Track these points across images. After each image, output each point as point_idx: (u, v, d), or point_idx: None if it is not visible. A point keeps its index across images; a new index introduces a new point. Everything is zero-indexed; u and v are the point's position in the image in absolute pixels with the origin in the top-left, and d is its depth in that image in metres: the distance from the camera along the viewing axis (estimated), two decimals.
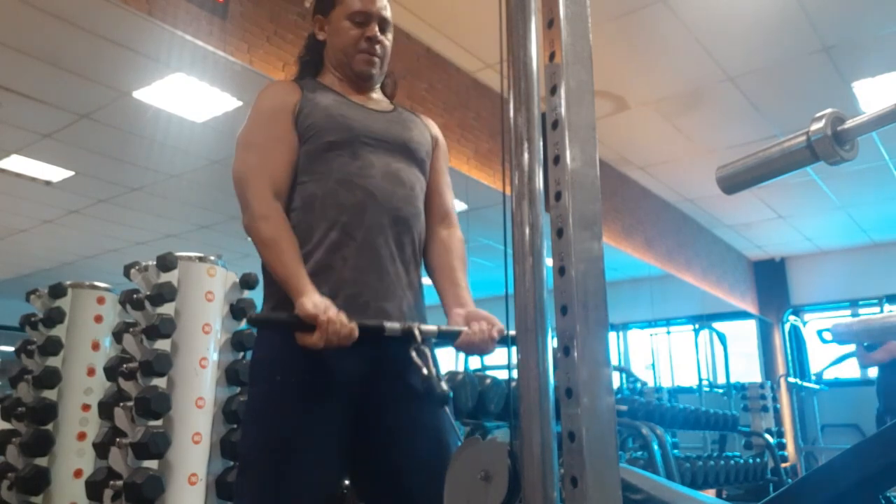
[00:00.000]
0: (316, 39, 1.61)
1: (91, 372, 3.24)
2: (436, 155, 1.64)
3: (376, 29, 1.54)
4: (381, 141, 1.49)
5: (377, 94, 1.63)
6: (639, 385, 8.45)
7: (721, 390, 8.71)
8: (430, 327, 1.31)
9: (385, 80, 1.67)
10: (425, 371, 1.19)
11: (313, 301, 1.27)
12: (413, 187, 1.52)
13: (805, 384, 8.67)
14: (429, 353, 1.23)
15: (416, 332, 1.27)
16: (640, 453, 4.90)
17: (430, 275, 1.56)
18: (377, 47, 1.54)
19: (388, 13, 1.58)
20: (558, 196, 0.78)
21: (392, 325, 1.28)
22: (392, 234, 1.45)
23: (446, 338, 1.36)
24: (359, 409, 1.38)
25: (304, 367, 1.31)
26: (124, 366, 2.60)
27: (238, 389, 2.75)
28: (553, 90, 0.80)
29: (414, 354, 1.23)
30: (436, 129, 1.69)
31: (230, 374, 2.72)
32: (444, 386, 1.21)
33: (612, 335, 7.81)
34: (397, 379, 1.40)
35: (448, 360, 10.06)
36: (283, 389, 1.34)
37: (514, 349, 0.79)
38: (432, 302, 1.51)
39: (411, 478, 1.38)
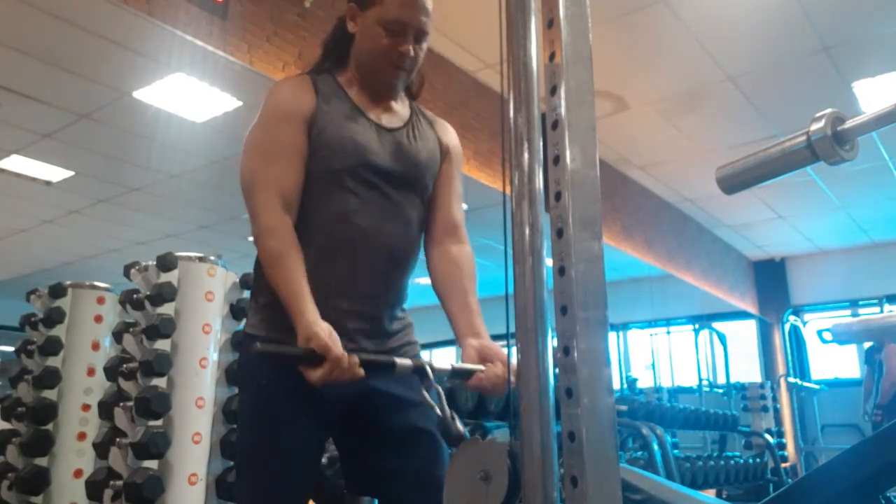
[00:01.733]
0: (345, 28, 1.48)
1: (91, 372, 3.24)
2: (446, 163, 1.55)
3: (411, 43, 1.42)
4: (387, 172, 1.42)
5: (396, 102, 1.52)
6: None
7: (721, 390, 8.71)
8: (443, 367, 1.24)
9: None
10: (439, 412, 1.09)
11: (324, 331, 1.20)
12: (411, 222, 1.46)
13: (805, 384, 8.67)
14: (442, 393, 1.18)
15: (429, 371, 1.18)
16: (640, 453, 4.90)
17: (439, 293, 1.48)
18: (407, 61, 1.43)
19: (427, 25, 1.43)
20: (558, 196, 0.78)
21: (403, 362, 1.19)
22: (382, 270, 1.41)
23: (459, 375, 1.30)
24: (349, 411, 1.37)
25: (290, 371, 1.30)
26: (124, 366, 2.60)
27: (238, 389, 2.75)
28: (553, 90, 0.80)
29: (426, 394, 1.16)
30: (450, 136, 1.59)
31: (230, 374, 2.72)
32: (460, 426, 1.10)
33: (612, 335, 7.80)
34: (389, 384, 1.39)
35: (447, 360, 10.08)
36: (270, 394, 1.34)
37: (514, 349, 0.79)
38: (432, 302, 1.49)
39: (405, 481, 1.39)
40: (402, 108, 1.53)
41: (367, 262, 1.39)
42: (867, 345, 6.73)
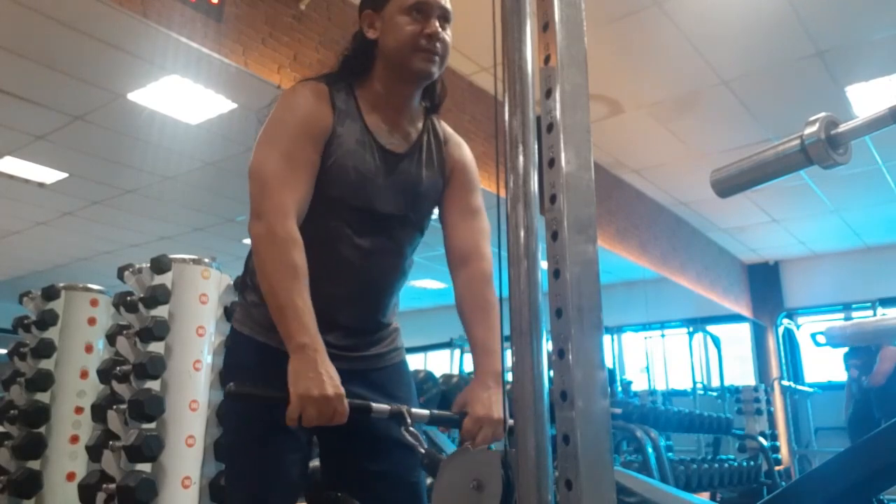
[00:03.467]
0: (365, 38, 1.43)
1: (84, 374, 3.23)
2: (451, 187, 1.50)
3: (436, 24, 1.37)
4: (384, 203, 1.40)
5: (410, 119, 1.46)
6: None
7: (715, 393, 8.74)
8: (422, 413, 1.22)
9: (434, 86, 1.50)
10: (422, 450, 1.11)
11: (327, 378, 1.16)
12: (403, 250, 1.45)
13: (799, 387, 8.70)
14: (419, 435, 1.15)
15: (407, 417, 1.18)
16: (634, 456, 4.90)
17: (463, 325, 1.42)
18: (437, 45, 1.37)
19: (449, 5, 1.40)
20: (553, 199, 0.78)
21: (380, 408, 1.19)
22: (369, 299, 1.43)
23: (437, 422, 1.29)
24: None
25: (272, 377, 1.30)
26: (118, 368, 2.59)
27: None
28: (548, 93, 0.80)
29: (406, 435, 1.17)
30: (461, 154, 1.53)
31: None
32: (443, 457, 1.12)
33: (606, 338, 7.80)
34: (373, 393, 1.40)
35: (443, 362, 10.04)
36: None
37: (508, 352, 0.79)
38: (427, 305, 1.49)
39: (385, 482, 1.41)
40: (414, 125, 1.48)
41: (352, 293, 1.40)
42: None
